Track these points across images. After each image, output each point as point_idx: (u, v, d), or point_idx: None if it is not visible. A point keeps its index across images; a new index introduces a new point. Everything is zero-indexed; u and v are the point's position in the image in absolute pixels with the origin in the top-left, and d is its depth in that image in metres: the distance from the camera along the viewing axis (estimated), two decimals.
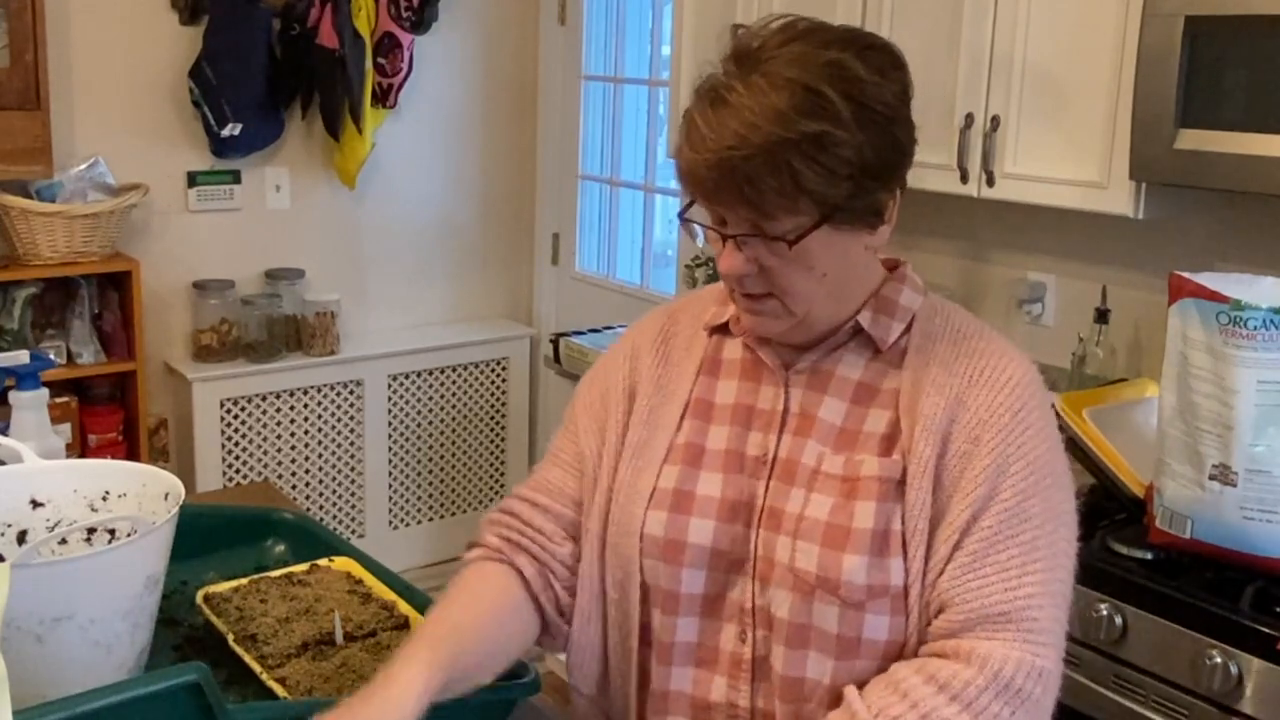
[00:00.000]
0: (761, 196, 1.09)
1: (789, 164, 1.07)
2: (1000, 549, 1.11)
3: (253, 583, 1.47)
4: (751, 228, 1.12)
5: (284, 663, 1.29)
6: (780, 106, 1.07)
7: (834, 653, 1.13)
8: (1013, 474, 1.13)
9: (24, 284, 3.11)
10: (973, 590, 1.10)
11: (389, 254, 3.85)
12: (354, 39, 3.42)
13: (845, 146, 1.08)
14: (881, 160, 1.12)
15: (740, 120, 1.08)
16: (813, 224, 1.11)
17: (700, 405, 1.26)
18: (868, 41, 1.15)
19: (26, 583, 1.06)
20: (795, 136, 1.07)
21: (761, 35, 1.13)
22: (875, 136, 1.11)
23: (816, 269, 1.14)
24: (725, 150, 1.08)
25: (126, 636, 1.17)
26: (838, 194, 1.10)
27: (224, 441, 3.45)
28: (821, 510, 1.14)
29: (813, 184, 1.08)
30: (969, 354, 1.18)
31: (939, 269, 2.91)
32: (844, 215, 1.12)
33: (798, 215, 1.10)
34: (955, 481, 1.13)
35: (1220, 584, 1.81)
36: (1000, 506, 1.11)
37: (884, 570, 1.12)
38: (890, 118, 1.12)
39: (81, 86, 3.26)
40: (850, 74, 1.10)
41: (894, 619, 1.13)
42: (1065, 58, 2.24)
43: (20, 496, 1.31)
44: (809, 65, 1.09)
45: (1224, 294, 1.73)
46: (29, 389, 1.84)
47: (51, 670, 1.11)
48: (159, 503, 1.30)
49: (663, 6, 3.69)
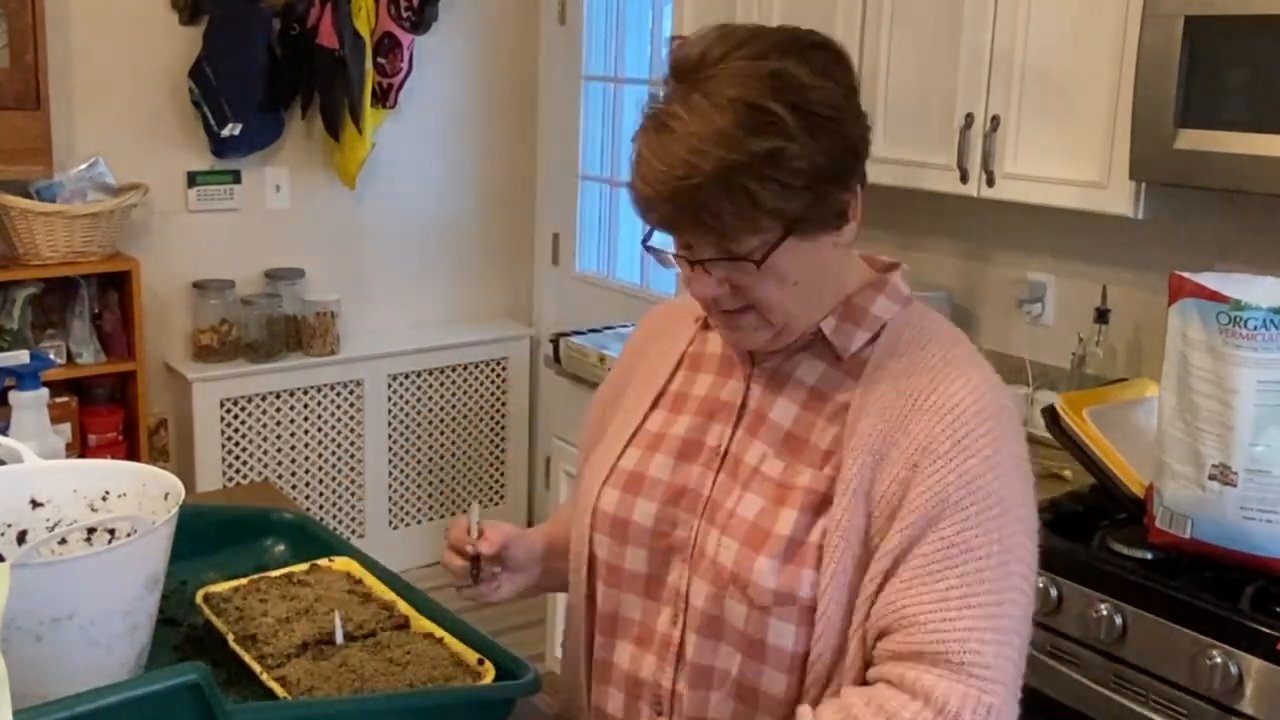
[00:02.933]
0: (720, 221, 1.07)
1: (743, 186, 1.05)
2: (938, 578, 1.06)
3: (252, 583, 1.47)
4: (717, 251, 1.10)
5: (284, 663, 1.29)
6: (725, 128, 1.05)
7: (743, 649, 1.14)
8: (953, 504, 1.08)
9: (24, 284, 3.11)
10: (910, 618, 1.06)
11: (389, 254, 3.85)
12: (354, 39, 3.42)
13: (798, 158, 1.07)
14: (835, 163, 1.10)
15: (687, 147, 1.06)
16: (777, 239, 1.10)
17: (675, 397, 1.28)
18: (808, 41, 1.13)
19: (27, 583, 1.06)
20: (745, 158, 1.05)
21: (699, 47, 1.11)
22: (827, 141, 1.09)
23: (788, 279, 1.13)
24: (677, 180, 1.06)
25: (126, 636, 1.17)
26: (797, 206, 1.08)
27: (224, 441, 3.45)
28: (750, 510, 1.15)
29: (770, 201, 1.07)
30: (922, 372, 1.14)
31: (939, 269, 2.91)
32: (806, 224, 1.11)
33: (760, 233, 1.09)
34: (892, 507, 1.09)
35: (1220, 584, 1.81)
36: (937, 536, 1.07)
37: (793, 578, 1.11)
38: (838, 119, 1.10)
39: (81, 86, 3.26)
40: (793, 83, 1.08)
41: (800, 629, 1.11)
42: (1065, 58, 2.24)
43: (20, 496, 1.31)
44: (750, 80, 1.07)
45: (1224, 294, 1.73)
46: (29, 389, 1.84)
47: (51, 670, 1.11)
48: (159, 503, 1.30)
49: (663, 6, 3.69)
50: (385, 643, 1.34)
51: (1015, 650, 1.07)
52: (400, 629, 1.38)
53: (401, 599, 1.44)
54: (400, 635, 1.36)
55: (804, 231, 1.11)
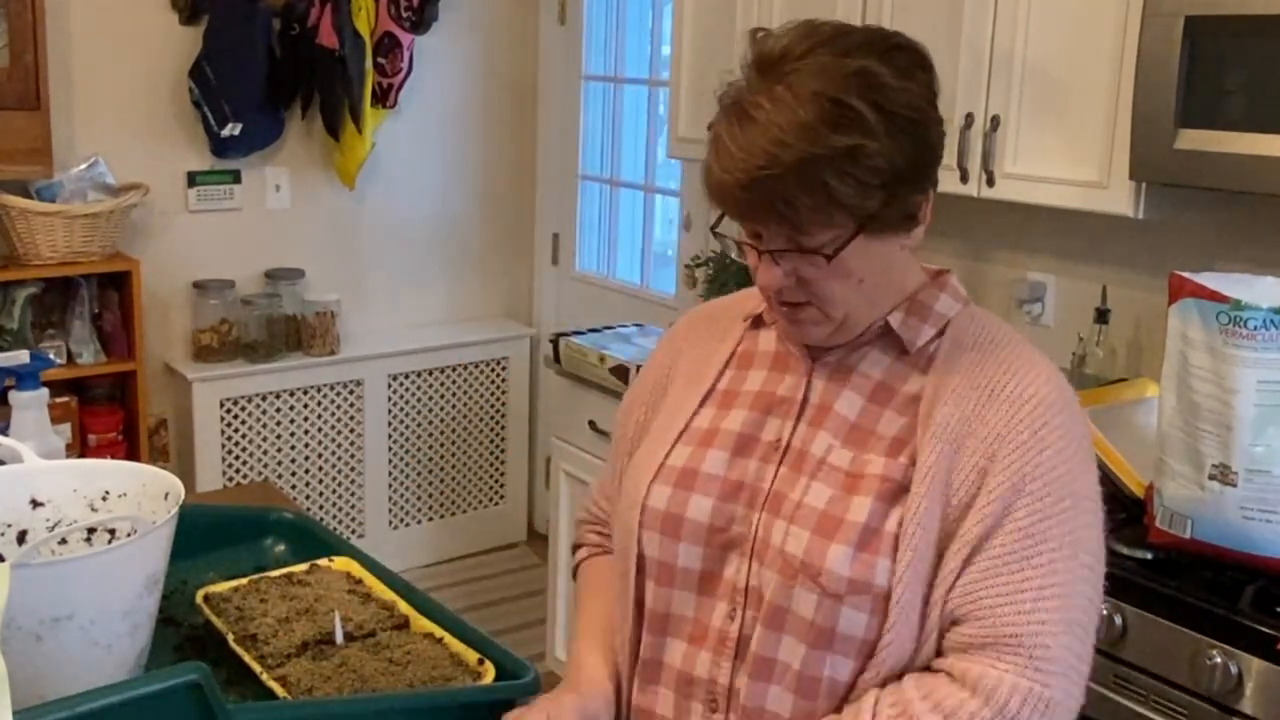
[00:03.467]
0: (797, 213, 1.09)
1: (822, 180, 1.07)
2: (1015, 569, 1.09)
3: (252, 583, 1.47)
4: (788, 242, 1.12)
5: (284, 663, 1.29)
6: (809, 121, 1.06)
7: (808, 640, 1.13)
8: (1028, 494, 1.10)
9: (24, 284, 3.11)
10: (986, 608, 1.08)
11: (389, 254, 3.85)
12: (354, 39, 3.42)
13: (877, 157, 1.08)
14: (913, 165, 1.12)
15: (769, 138, 1.07)
16: (849, 235, 1.11)
17: (725, 394, 1.27)
18: (893, 43, 1.14)
19: (27, 582, 1.06)
20: (827, 152, 1.06)
21: (784, 41, 1.12)
22: (905, 143, 1.11)
23: (854, 276, 1.14)
24: (757, 170, 1.07)
25: (127, 636, 1.17)
26: (872, 204, 1.10)
27: (224, 441, 3.46)
28: (820, 499, 1.15)
29: (847, 197, 1.08)
30: (995, 365, 1.16)
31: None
32: (879, 223, 1.12)
33: (834, 228, 1.10)
34: (969, 496, 1.11)
35: (1220, 584, 1.81)
36: (1014, 526, 1.09)
37: (869, 566, 1.11)
38: (919, 120, 1.13)
39: (81, 86, 3.26)
40: (876, 82, 1.09)
41: (872, 618, 1.11)
42: (1065, 58, 2.24)
43: (20, 496, 1.31)
44: (834, 76, 1.08)
45: (1224, 294, 1.73)
46: (29, 389, 1.84)
47: (52, 670, 1.11)
48: (159, 502, 1.30)
49: (663, 6, 3.69)
50: (385, 643, 1.34)
51: (1080, 643, 1.09)
52: (400, 629, 1.38)
53: (401, 599, 1.44)
54: (400, 635, 1.36)
55: (875, 230, 1.12)
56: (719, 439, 1.23)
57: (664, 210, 3.89)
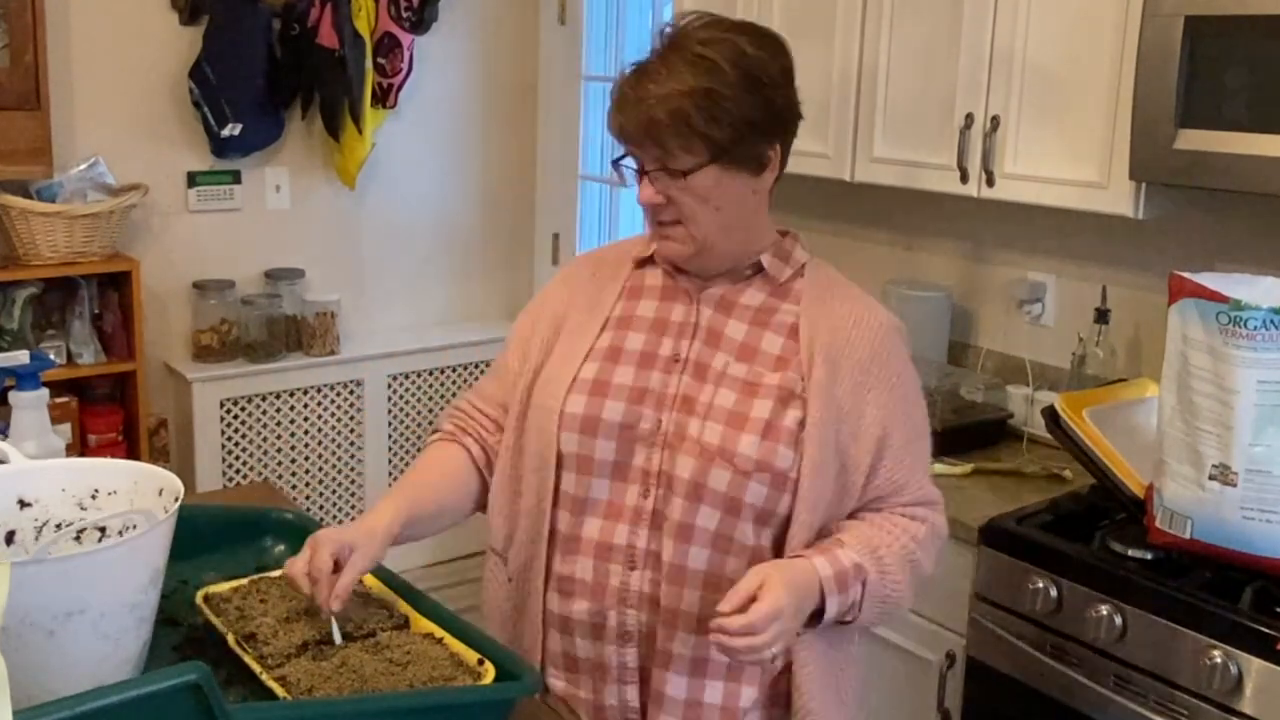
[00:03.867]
0: (663, 137, 1.40)
1: (683, 110, 1.38)
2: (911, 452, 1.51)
3: (253, 583, 1.47)
4: (658, 164, 1.43)
5: (284, 663, 1.29)
6: (683, 72, 1.39)
7: (722, 508, 1.44)
8: (899, 397, 1.50)
9: (24, 284, 3.11)
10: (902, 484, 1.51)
11: (389, 254, 3.85)
12: (354, 39, 3.42)
13: (729, 101, 1.39)
14: (760, 118, 1.42)
15: (655, 84, 1.40)
16: (704, 161, 1.41)
17: (621, 320, 1.56)
18: (761, 30, 1.47)
19: (42, 579, 1.07)
20: (688, 89, 1.38)
21: (681, 26, 1.45)
22: (756, 98, 1.41)
23: (710, 202, 1.44)
24: (639, 104, 1.40)
25: (133, 630, 1.18)
26: (723, 137, 1.40)
27: (224, 441, 3.45)
28: (727, 401, 1.46)
29: (700, 126, 1.39)
30: (847, 300, 1.53)
31: (939, 269, 2.91)
32: (729, 157, 1.42)
33: (693, 154, 1.41)
34: (859, 405, 1.47)
35: (1220, 584, 1.82)
36: (903, 422, 1.50)
37: (771, 451, 1.43)
38: (766, 84, 1.43)
39: (81, 86, 3.26)
40: (737, 47, 1.41)
41: (772, 491, 1.44)
42: (1065, 58, 2.24)
43: (7, 496, 1.30)
44: (708, 42, 1.41)
45: (1224, 294, 1.73)
46: (29, 389, 1.85)
47: (62, 664, 1.11)
48: (152, 499, 1.30)
49: (663, 6, 3.69)
50: (385, 643, 1.34)
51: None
52: (400, 629, 1.38)
53: (401, 599, 1.44)
54: (400, 635, 1.36)
55: (726, 163, 1.43)
56: (624, 357, 1.52)
57: None
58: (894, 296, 2.78)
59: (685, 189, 1.43)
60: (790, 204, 3.28)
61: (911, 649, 2.27)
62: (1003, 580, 2.05)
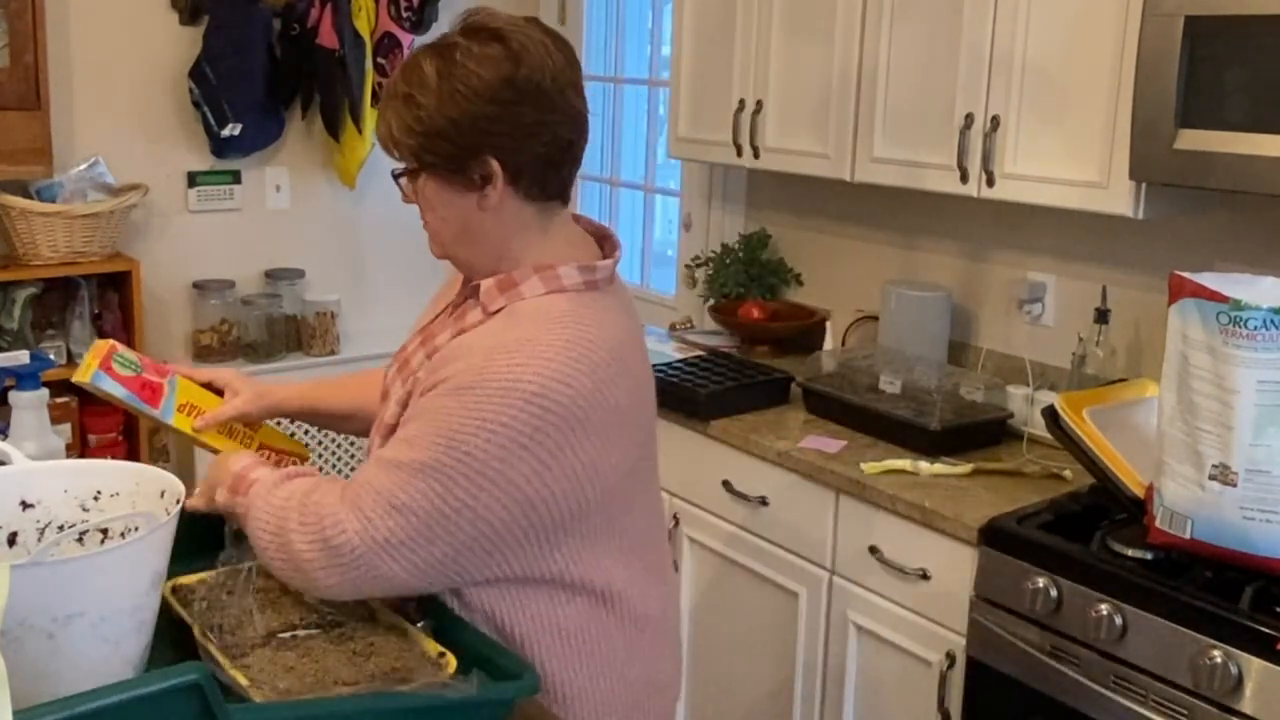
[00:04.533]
0: (384, 140, 1.44)
1: (386, 112, 1.42)
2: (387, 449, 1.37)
3: (219, 574, 1.48)
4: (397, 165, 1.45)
5: (248, 653, 1.30)
6: (396, 75, 1.42)
7: None
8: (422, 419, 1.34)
9: (24, 284, 3.11)
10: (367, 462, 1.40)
11: (389, 254, 3.85)
12: (354, 39, 3.42)
13: (424, 109, 1.37)
14: (457, 128, 1.36)
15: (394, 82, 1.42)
16: (414, 169, 1.43)
17: None
18: (490, 36, 1.38)
19: (41, 581, 1.07)
20: (393, 92, 1.41)
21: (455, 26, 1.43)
22: (454, 110, 1.36)
23: (436, 211, 1.45)
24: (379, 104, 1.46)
25: (133, 633, 1.18)
26: (414, 144, 1.39)
27: None
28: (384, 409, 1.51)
29: (396, 130, 1.40)
30: (499, 337, 1.36)
31: (939, 269, 2.91)
32: (432, 167, 1.40)
33: (404, 161, 1.43)
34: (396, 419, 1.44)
35: (1220, 584, 1.81)
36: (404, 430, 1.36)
37: None
38: (471, 98, 1.35)
39: (81, 86, 3.26)
40: (450, 56, 1.37)
41: None
42: (1065, 58, 2.24)
43: (10, 497, 1.30)
44: (435, 45, 1.40)
45: (1224, 294, 1.73)
46: (29, 389, 1.84)
47: (62, 667, 1.11)
48: (154, 501, 1.30)
49: (663, 6, 3.69)
50: (350, 634, 1.35)
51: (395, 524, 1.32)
52: (366, 620, 1.40)
53: None
54: (365, 627, 1.38)
55: (433, 173, 1.41)
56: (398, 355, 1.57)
57: (664, 210, 3.89)
58: (894, 296, 2.78)
59: (416, 193, 1.46)
60: (791, 204, 3.28)
61: (911, 649, 2.27)
62: (1003, 580, 2.05)
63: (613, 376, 1.36)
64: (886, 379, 2.56)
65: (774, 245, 3.31)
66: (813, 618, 2.46)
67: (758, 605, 2.60)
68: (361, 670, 1.28)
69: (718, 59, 2.95)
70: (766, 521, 2.55)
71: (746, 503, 2.58)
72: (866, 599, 2.35)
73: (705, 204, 3.48)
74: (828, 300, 3.19)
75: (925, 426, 2.42)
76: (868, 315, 3.03)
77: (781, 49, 2.78)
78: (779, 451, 2.48)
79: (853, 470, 2.35)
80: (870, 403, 2.55)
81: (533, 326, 1.36)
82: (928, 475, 2.32)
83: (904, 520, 2.24)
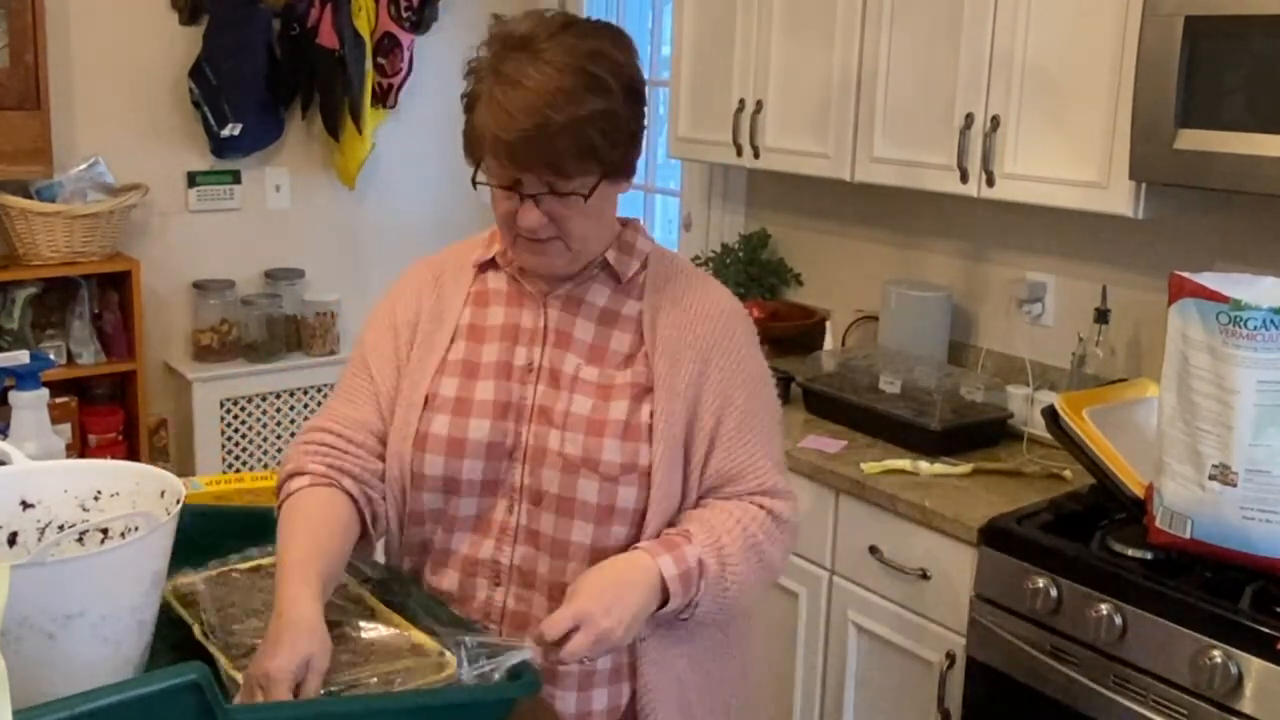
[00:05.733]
0: (563, 162, 1.35)
1: (587, 135, 1.34)
2: (745, 441, 1.47)
3: (221, 574, 1.47)
4: (547, 187, 1.37)
5: (248, 653, 1.30)
6: (571, 88, 1.33)
7: (594, 519, 1.42)
8: (739, 385, 1.47)
9: (24, 284, 3.11)
10: (738, 471, 1.46)
11: (389, 254, 3.85)
12: (354, 39, 3.42)
13: (622, 118, 1.37)
14: (641, 125, 1.42)
15: (542, 101, 1.32)
16: (598, 181, 1.39)
17: (471, 329, 1.52)
18: (612, 31, 1.42)
19: (41, 581, 1.06)
20: (588, 113, 1.33)
21: (528, 24, 1.38)
22: (637, 108, 1.40)
23: (592, 216, 1.42)
24: (533, 127, 1.32)
25: (134, 633, 1.18)
26: (618, 156, 1.39)
27: (224, 441, 3.45)
28: (584, 408, 1.44)
29: (603, 150, 1.36)
30: (691, 290, 1.50)
31: (939, 269, 2.91)
32: (618, 172, 1.42)
33: (589, 175, 1.38)
34: (698, 393, 1.45)
35: (1220, 584, 1.81)
36: (736, 409, 1.46)
37: (633, 453, 1.42)
38: (641, 91, 1.42)
39: (81, 86, 3.26)
40: (612, 58, 1.37)
41: (639, 491, 1.42)
42: (1065, 58, 2.24)
43: (10, 497, 1.30)
44: (580, 53, 1.35)
45: (1224, 294, 1.73)
46: (29, 389, 1.85)
47: (62, 668, 1.11)
48: (154, 501, 1.30)
49: (663, 6, 3.69)
50: (350, 634, 1.35)
51: (784, 472, 1.53)
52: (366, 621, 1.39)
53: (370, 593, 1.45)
54: (365, 627, 1.37)
55: (614, 177, 1.42)
56: (481, 370, 1.48)
57: (664, 210, 3.88)
58: (894, 296, 2.78)
59: (575, 207, 1.39)
60: (790, 204, 3.28)
61: (911, 649, 2.27)
62: (1003, 580, 2.05)
63: None
64: (886, 379, 2.56)
65: (774, 245, 3.31)
66: (813, 618, 2.47)
67: (758, 605, 2.59)
68: (361, 671, 1.27)
69: (718, 59, 2.95)
70: None
71: None
72: (866, 599, 2.35)
73: (705, 204, 3.48)
74: (828, 300, 3.19)
75: (925, 426, 2.42)
76: (868, 315, 3.03)
77: (781, 49, 2.78)
78: None
79: (853, 470, 2.35)
80: (870, 403, 2.55)
81: (688, 270, 1.55)
82: (928, 475, 2.32)
83: (904, 520, 2.24)
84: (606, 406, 1.43)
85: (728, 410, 1.46)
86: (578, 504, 1.42)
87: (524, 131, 1.32)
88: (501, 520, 1.46)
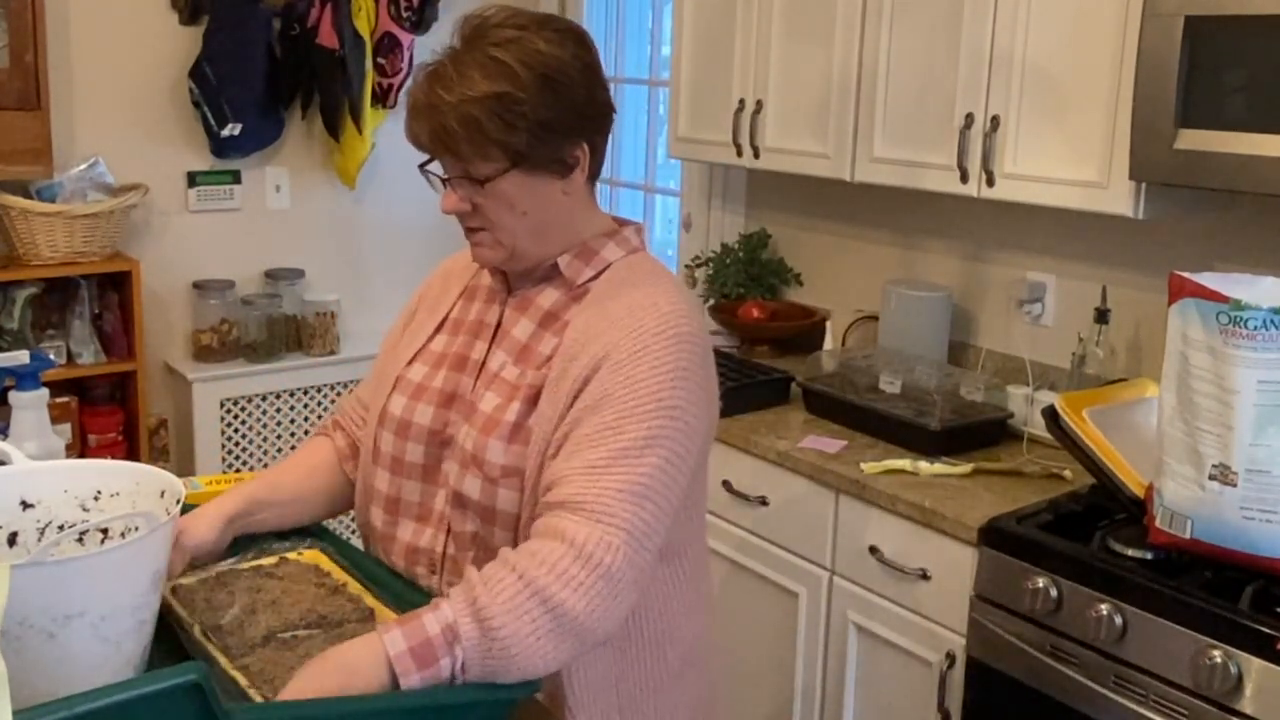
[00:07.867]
0: (458, 145, 1.36)
1: (475, 118, 1.34)
2: (590, 450, 1.32)
3: (219, 575, 1.48)
4: (460, 172, 1.40)
5: (248, 653, 1.30)
6: (472, 75, 1.35)
7: (481, 518, 1.43)
8: (615, 397, 1.34)
9: (24, 284, 3.11)
10: (564, 477, 1.32)
11: (389, 254, 3.85)
12: (354, 39, 3.42)
13: (523, 104, 1.35)
14: (559, 117, 1.37)
15: (445, 90, 1.35)
16: (505, 168, 1.38)
17: (454, 322, 1.57)
18: (560, 25, 1.42)
19: (41, 580, 1.07)
20: (479, 95, 1.34)
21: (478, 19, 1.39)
22: (552, 98, 1.36)
23: (517, 208, 1.41)
24: (426, 105, 1.37)
25: (134, 633, 1.18)
26: (521, 143, 1.36)
27: (224, 441, 3.45)
28: (489, 405, 1.44)
29: (495, 133, 1.35)
30: (624, 299, 1.42)
31: (939, 269, 2.91)
32: (530, 162, 1.38)
33: (492, 161, 1.37)
34: (572, 398, 1.37)
35: (1220, 584, 1.82)
36: (599, 420, 1.33)
37: (517, 456, 1.40)
38: (563, 81, 1.37)
39: (81, 86, 3.26)
40: (529, 46, 1.36)
41: (517, 495, 1.40)
42: (1065, 58, 2.24)
43: (10, 497, 1.30)
44: (499, 41, 1.36)
45: (1224, 294, 1.73)
46: (29, 389, 1.85)
47: (62, 668, 1.11)
48: (154, 501, 1.30)
49: (663, 6, 3.69)
50: (350, 634, 1.35)
51: (647, 512, 1.31)
52: (364, 621, 1.39)
53: (369, 592, 1.45)
54: (365, 627, 1.37)
55: (528, 168, 1.39)
56: (446, 360, 1.52)
57: (664, 210, 3.89)
58: (894, 296, 2.78)
59: (488, 196, 1.39)
60: (790, 204, 3.28)
61: (911, 649, 2.27)
62: (1003, 580, 2.05)
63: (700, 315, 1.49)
64: (886, 379, 2.56)
65: (774, 245, 3.31)
66: (813, 618, 2.47)
67: (758, 605, 2.60)
68: None
69: (718, 59, 2.95)
70: (766, 522, 2.55)
71: (746, 503, 2.58)
72: (866, 599, 2.35)
73: (705, 204, 3.48)
74: (828, 300, 3.19)
75: (925, 426, 2.42)
76: (868, 315, 3.03)
77: (781, 49, 2.78)
78: (779, 451, 2.48)
79: (853, 470, 2.35)
80: (870, 403, 2.55)
81: (646, 283, 1.44)
82: (928, 475, 2.33)
83: (904, 520, 2.24)
84: (507, 407, 1.42)
85: (589, 417, 1.34)
86: (469, 502, 1.44)
87: (417, 108, 1.38)
88: (440, 510, 1.49)
